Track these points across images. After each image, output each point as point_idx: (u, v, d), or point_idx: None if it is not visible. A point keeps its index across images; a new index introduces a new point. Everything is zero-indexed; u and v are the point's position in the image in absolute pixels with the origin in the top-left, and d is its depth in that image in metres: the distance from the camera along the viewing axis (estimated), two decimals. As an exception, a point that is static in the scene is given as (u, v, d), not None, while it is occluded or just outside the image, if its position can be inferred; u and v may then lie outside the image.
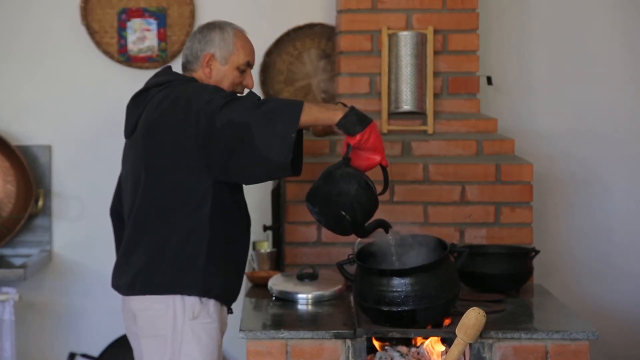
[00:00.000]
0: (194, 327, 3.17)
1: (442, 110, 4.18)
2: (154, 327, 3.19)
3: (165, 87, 3.28)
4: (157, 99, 3.26)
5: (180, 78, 3.35)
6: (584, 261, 4.53)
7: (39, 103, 4.45)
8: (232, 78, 3.36)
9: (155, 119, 3.21)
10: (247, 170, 3.15)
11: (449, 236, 4.01)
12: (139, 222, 3.23)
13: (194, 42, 3.37)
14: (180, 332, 3.16)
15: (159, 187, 3.20)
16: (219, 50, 3.34)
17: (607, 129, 4.53)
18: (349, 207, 3.22)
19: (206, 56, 3.34)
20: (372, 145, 3.24)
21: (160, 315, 3.18)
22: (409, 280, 3.19)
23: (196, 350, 3.17)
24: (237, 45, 3.36)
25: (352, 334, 3.20)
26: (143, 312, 3.21)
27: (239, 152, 3.10)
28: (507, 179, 4.04)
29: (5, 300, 4.14)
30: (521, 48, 4.51)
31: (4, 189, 4.44)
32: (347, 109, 3.23)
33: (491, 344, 3.20)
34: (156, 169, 3.20)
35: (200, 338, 3.17)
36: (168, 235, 3.18)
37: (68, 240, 4.46)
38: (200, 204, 3.18)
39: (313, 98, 4.45)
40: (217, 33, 3.35)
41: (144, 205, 3.22)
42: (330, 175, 3.27)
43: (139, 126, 3.27)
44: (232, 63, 3.36)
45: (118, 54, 4.41)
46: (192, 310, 3.17)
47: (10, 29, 4.44)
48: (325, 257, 4.00)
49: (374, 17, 4.17)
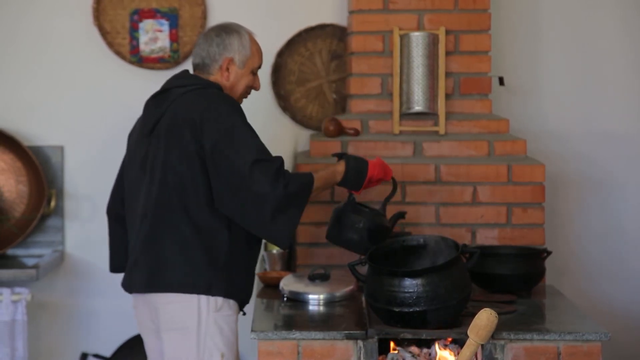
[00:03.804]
0: (217, 319, 3.25)
1: (453, 111, 4.18)
2: (178, 321, 3.25)
3: (191, 91, 3.33)
4: (183, 103, 3.30)
5: (202, 83, 3.37)
6: (596, 262, 4.52)
7: (51, 103, 4.46)
8: (246, 81, 3.45)
9: (180, 127, 3.26)
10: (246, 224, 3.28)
11: (461, 237, 4.00)
12: (159, 221, 3.26)
13: (212, 45, 3.41)
14: (205, 324, 3.24)
15: (178, 188, 3.25)
16: (237, 54, 3.41)
17: (620, 129, 4.52)
18: (363, 249, 3.52)
19: (226, 60, 3.40)
20: (377, 182, 3.58)
21: (184, 308, 3.24)
22: (420, 281, 3.19)
23: (219, 342, 3.25)
24: (253, 50, 3.44)
25: (363, 334, 3.20)
26: (166, 305, 3.27)
27: (246, 215, 3.23)
28: (518, 179, 4.04)
29: (18, 301, 4.15)
30: (533, 48, 4.50)
31: (17, 189, 4.45)
32: (343, 166, 3.48)
33: (503, 345, 3.19)
34: (176, 171, 3.25)
35: (223, 329, 3.26)
36: (191, 235, 3.23)
37: (80, 240, 4.47)
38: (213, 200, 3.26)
39: (324, 99, 4.45)
40: (235, 37, 3.41)
41: (163, 205, 3.26)
42: (339, 222, 3.61)
43: (160, 126, 3.31)
44: (248, 67, 3.44)
45: (130, 54, 4.42)
46: (216, 303, 3.25)
47: (21, 30, 4.45)
48: (337, 257, 4.00)
49: (386, 17, 4.17)
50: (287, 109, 4.46)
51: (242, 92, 3.47)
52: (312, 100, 4.46)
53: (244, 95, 3.50)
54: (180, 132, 3.25)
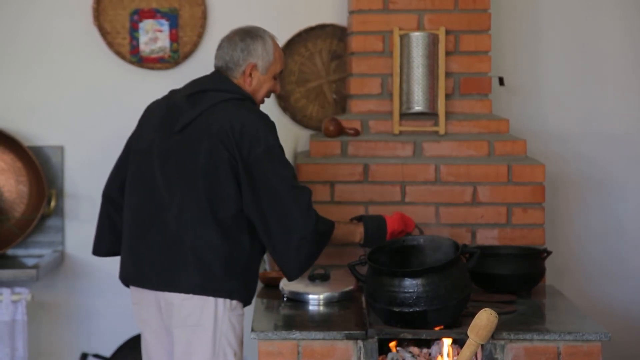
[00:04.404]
0: (231, 318, 3.31)
1: (453, 111, 4.18)
2: (195, 318, 3.28)
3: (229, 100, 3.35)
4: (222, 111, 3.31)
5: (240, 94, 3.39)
6: (597, 262, 4.52)
7: (51, 104, 4.46)
8: (268, 86, 3.49)
9: (217, 135, 3.27)
10: (268, 243, 3.33)
11: (461, 237, 4.00)
12: (186, 223, 3.27)
13: (236, 50, 3.42)
14: (221, 323, 3.29)
15: (209, 193, 3.27)
16: (261, 60, 3.43)
17: (620, 129, 4.52)
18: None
19: (249, 66, 3.42)
20: (401, 234, 3.63)
21: (201, 307, 3.27)
22: (420, 281, 3.19)
23: (233, 339, 3.31)
24: (275, 55, 3.47)
25: (363, 334, 3.20)
26: (183, 302, 3.29)
27: (272, 236, 3.29)
28: (518, 179, 4.04)
29: (18, 301, 4.16)
30: (533, 49, 4.50)
31: (17, 189, 4.45)
32: (362, 228, 3.57)
33: (503, 345, 3.19)
34: (207, 176, 3.27)
35: (235, 327, 3.32)
36: (216, 241, 3.26)
37: (80, 240, 4.46)
38: (241, 211, 3.30)
39: (324, 99, 4.45)
40: (259, 43, 3.43)
41: (191, 207, 3.28)
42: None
43: (193, 128, 3.31)
44: (270, 72, 3.47)
45: (130, 54, 4.42)
46: (231, 303, 3.31)
47: (21, 30, 4.45)
48: (337, 257, 3.99)
49: (386, 17, 4.17)
50: (287, 109, 4.46)
51: (263, 97, 3.50)
52: (312, 101, 4.46)
53: (264, 99, 3.53)
54: (215, 140, 3.26)
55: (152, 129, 3.41)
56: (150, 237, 3.34)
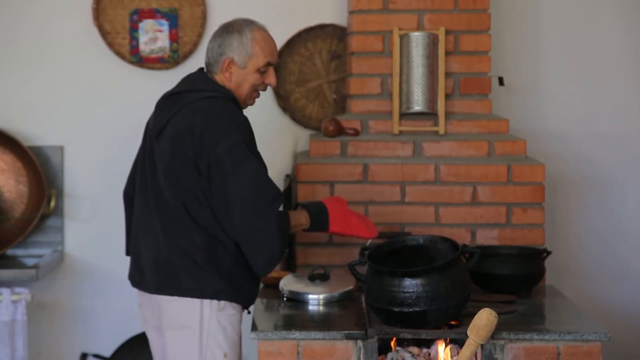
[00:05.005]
0: (220, 319, 3.26)
1: (453, 111, 4.18)
2: (182, 319, 3.27)
3: (202, 99, 3.30)
4: (190, 111, 3.28)
5: (215, 90, 3.33)
6: (597, 262, 4.52)
7: (51, 104, 4.46)
8: (252, 80, 3.38)
9: (183, 136, 3.24)
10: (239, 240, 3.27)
11: (461, 237, 4.00)
12: (170, 227, 3.27)
13: (214, 46, 3.37)
14: (208, 324, 3.25)
15: (185, 197, 3.25)
16: (237, 55, 3.34)
17: (619, 129, 4.52)
18: None
19: (225, 61, 3.35)
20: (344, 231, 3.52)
21: (187, 308, 3.26)
22: (420, 281, 3.19)
23: (222, 341, 3.26)
24: (255, 49, 3.35)
25: (363, 334, 3.20)
26: (169, 304, 3.28)
27: (234, 232, 3.24)
28: (518, 179, 4.04)
29: (18, 301, 4.16)
30: (533, 49, 4.50)
31: (16, 189, 4.45)
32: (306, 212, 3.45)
33: (503, 345, 3.19)
34: (182, 181, 3.25)
35: (226, 329, 3.27)
36: (200, 243, 3.24)
37: (80, 240, 4.46)
38: None
39: (324, 99, 4.45)
40: (235, 37, 3.34)
41: (173, 212, 3.27)
42: None
43: (166, 131, 3.30)
44: (251, 66, 3.36)
45: (130, 54, 4.42)
46: (219, 304, 3.26)
47: (21, 30, 4.45)
48: (337, 257, 4.00)
49: (385, 17, 4.17)
50: (287, 109, 4.46)
51: (249, 91, 3.39)
52: (312, 100, 4.46)
53: (251, 93, 3.42)
54: (182, 142, 3.23)
55: (147, 135, 3.45)
56: (144, 240, 3.36)
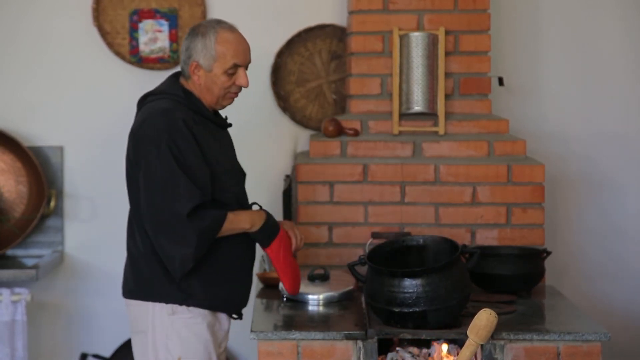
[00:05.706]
0: (174, 322, 3.25)
1: (453, 111, 4.18)
2: (139, 324, 3.31)
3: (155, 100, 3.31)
4: (138, 115, 3.31)
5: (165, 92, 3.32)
6: (596, 262, 4.52)
7: (50, 104, 4.46)
8: (220, 83, 3.30)
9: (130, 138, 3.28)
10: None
11: (460, 237, 4.00)
12: (129, 230, 3.34)
13: (183, 48, 3.34)
14: (160, 327, 3.25)
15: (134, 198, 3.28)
16: (202, 58, 3.28)
17: (619, 130, 4.52)
18: None
19: (192, 65, 3.30)
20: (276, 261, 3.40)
21: (140, 312, 3.29)
22: (420, 281, 3.19)
23: (176, 345, 3.24)
24: (219, 52, 3.27)
25: (363, 334, 3.20)
26: (128, 308, 3.35)
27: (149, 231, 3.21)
28: (518, 179, 4.04)
29: (17, 301, 4.16)
30: (533, 49, 4.50)
31: (16, 189, 4.45)
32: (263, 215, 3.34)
33: (503, 345, 3.19)
34: (130, 181, 3.29)
35: (180, 332, 3.25)
36: (149, 246, 3.24)
37: (80, 241, 4.47)
38: None
39: (324, 99, 4.45)
40: (199, 40, 3.28)
41: (131, 216, 3.32)
42: None
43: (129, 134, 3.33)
44: (217, 69, 3.29)
45: (130, 55, 4.42)
46: (171, 307, 3.25)
47: (21, 30, 4.45)
48: (337, 258, 4.00)
49: (385, 17, 4.17)
50: (287, 109, 4.46)
51: (221, 94, 3.32)
52: (312, 101, 4.46)
53: (224, 95, 3.33)
54: (129, 143, 3.28)
55: None
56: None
